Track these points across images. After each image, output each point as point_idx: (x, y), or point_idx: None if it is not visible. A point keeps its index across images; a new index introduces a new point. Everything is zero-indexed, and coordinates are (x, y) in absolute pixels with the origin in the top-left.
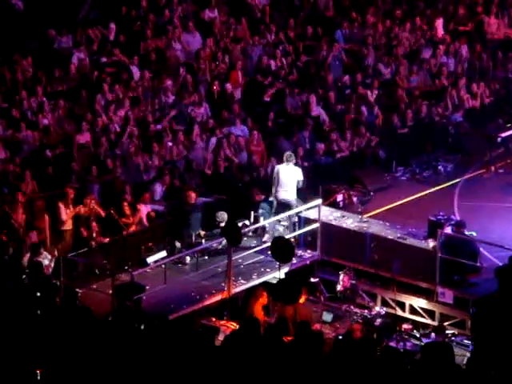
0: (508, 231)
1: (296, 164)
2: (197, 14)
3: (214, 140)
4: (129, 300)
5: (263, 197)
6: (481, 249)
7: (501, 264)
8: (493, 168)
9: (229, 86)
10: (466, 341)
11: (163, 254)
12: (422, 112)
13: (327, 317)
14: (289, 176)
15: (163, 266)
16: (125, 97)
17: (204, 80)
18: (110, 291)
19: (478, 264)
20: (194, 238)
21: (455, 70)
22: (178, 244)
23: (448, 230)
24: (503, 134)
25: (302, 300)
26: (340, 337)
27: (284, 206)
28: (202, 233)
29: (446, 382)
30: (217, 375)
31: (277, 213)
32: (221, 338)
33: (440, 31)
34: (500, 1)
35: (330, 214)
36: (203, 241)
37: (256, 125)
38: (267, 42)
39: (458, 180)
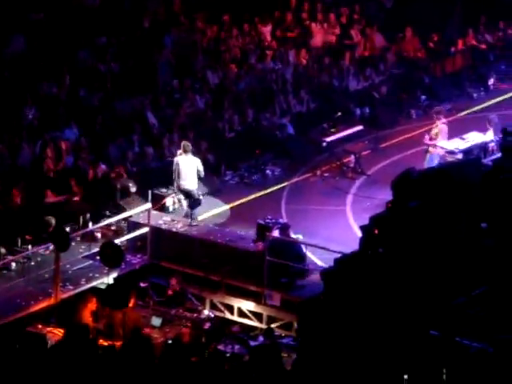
0: (333, 234)
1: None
2: (24, 17)
3: (39, 143)
4: None
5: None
6: (307, 252)
7: (326, 266)
8: (318, 172)
9: (55, 89)
10: (292, 343)
11: None
12: (249, 117)
13: (156, 321)
14: (189, 166)
15: None
16: None
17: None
18: None
19: (305, 267)
20: (19, 243)
21: (282, 76)
22: (2, 249)
23: (276, 233)
24: (328, 139)
25: (130, 305)
26: (170, 341)
27: (187, 195)
28: (28, 237)
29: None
30: (45, 381)
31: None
32: (48, 344)
33: (268, 37)
34: (324, 8)
35: (159, 219)
36: (29, 246)
37: (84, 128)
38: (96, 45)
39: (285, 184)
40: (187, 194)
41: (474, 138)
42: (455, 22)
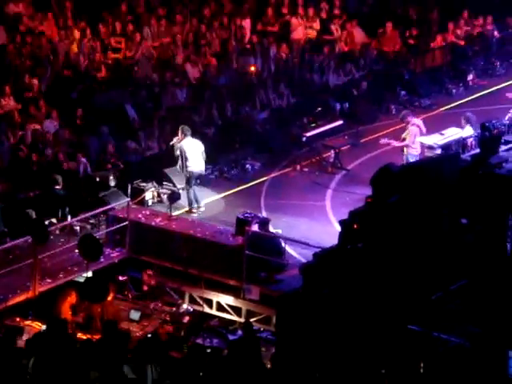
0: (312, 229)
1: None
2: (0, 9)
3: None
4: None
5: None
6: (286, 246)
7: (305, 261)
8: (298, 167)
9: (35, 81)
10: (270, 336)
11: None
12: (228, 111)
13: (135, 315)
14: (194, 149)
15: None
16: None
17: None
18: None
19: (284, 261)
20: None
21: (263, 70)
22: None
23: (255, 227)
24: (308, 134)
25: (109, 298)
26: (149, 335)
27: (199, 177)
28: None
29: (251, 378)
30: (20, 377)
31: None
32: (25, 338)
33: (248, 31)
34: (304, 2)
35: (138, 212)
36: (8, 239)
37: (63, 121)
38: (75, 38)
39: (264, 178)
40: (200, 176)
41: (452, 134)
42: (434, 17)
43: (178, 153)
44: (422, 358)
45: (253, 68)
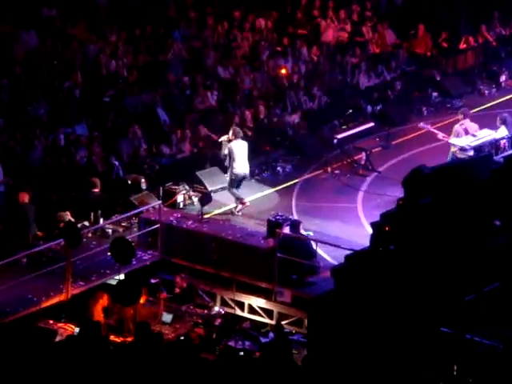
0: (344, 231)
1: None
2: (34, 13)
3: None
4: None
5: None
6: (318, 248)
7: (337, 263)
8: (329, 169)
9: (67, 84)
10: (302, 339)
11: None
12: (261, 113)
13: (167, 318)
14: (242, 151)
15: None
16: None
17: (42, 79)
18: None
19: (316, 263)
20: (31, 239)
21: (293, 72)
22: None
23: (286, 230)
24: (339, 136)
25: (141, 301)
26: (181, 338)
27: (243, 179)
28: (40, 233)
29: (283, 380)
30: (57, 379)
31: (238, 186)
32: (58, 340)
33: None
34: (335, 5)
35: (170, 215)
36: (41, 242)
37: (95, 124)
38: (107, 41)
39: (296, 181)
40: (243, 178)
41: (485, 135)
42: (467, 18)
43: (225, 152)
44: (455, 361)
45: (284, 70)
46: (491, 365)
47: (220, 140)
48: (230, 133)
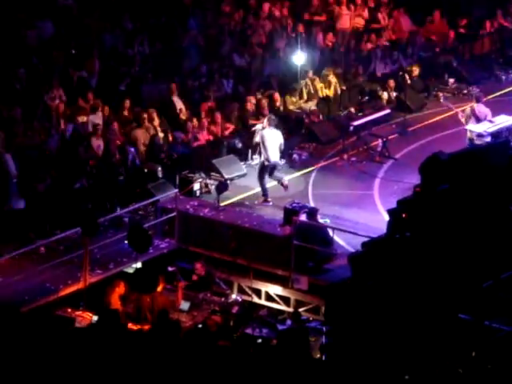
0: (360, 218)
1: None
2: (50, 2)
3: (70, 128)
4: None
5: None
6: (334, 236)
7: (354, 251)
8: (345, 156)
9: (84, 73)
10: (319, 326)
11: None
12: (277, 101)
13: (184, 305)
14: (274, 139)
15: (17, 256)
16: None
17: (58, 68)
18: None
19: (332, 251)
20: (48, 228)
21: (310, 59)
22: (32, 235)
23: (303, 217)
24: (355, 123)
25: (159, 289)
26: (199, 325)
27: (274, 167)
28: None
29: (301, 367)
30: (76, 367)
31: (270, 174)
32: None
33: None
34: None
35: (186, 203)
36: (58, 230)
37: (112, 113)
38: (123, 30)
39: (312, 168)
40: (274, 167)
41: (502, 121)
42: (483, 3)
43: (257, 140)
44: (474, 347)
45: (299, 58)
46: (509, 351)
47: (253, 128)
48: (265, 121)
